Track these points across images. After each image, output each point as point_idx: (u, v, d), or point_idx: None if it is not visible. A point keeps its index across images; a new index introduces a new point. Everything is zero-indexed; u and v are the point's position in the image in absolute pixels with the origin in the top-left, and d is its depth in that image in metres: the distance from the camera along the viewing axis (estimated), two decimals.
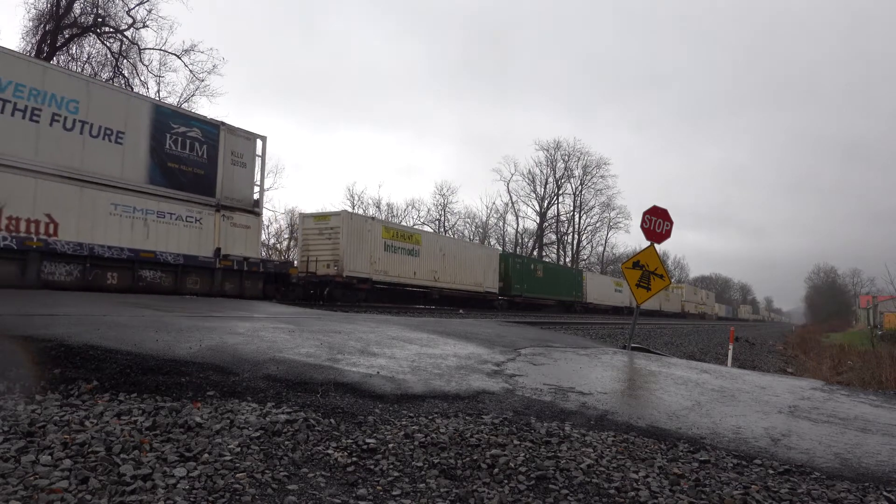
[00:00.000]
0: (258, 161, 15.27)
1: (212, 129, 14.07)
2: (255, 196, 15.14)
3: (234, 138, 14.64)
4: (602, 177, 64.26)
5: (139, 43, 28.04)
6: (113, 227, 11.87)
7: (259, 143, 15.32)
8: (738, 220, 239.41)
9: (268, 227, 43.60)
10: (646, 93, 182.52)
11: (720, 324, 52.41)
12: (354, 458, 2.78)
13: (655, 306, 52.53)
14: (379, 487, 2.51)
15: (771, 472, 3.16)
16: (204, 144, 13.77)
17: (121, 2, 26.99)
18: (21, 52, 17.86)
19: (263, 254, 30.24)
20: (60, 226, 10.93)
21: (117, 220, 11.97)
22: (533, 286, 33.15)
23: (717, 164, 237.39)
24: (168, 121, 13.11)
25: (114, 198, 11.91)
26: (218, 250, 13.94)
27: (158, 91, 28.91)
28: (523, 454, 3.03)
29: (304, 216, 21.74)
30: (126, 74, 27.70)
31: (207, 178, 13.82)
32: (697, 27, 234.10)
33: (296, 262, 20.13)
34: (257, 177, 15.26)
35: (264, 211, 18.91)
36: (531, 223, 64.19)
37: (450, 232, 57.42)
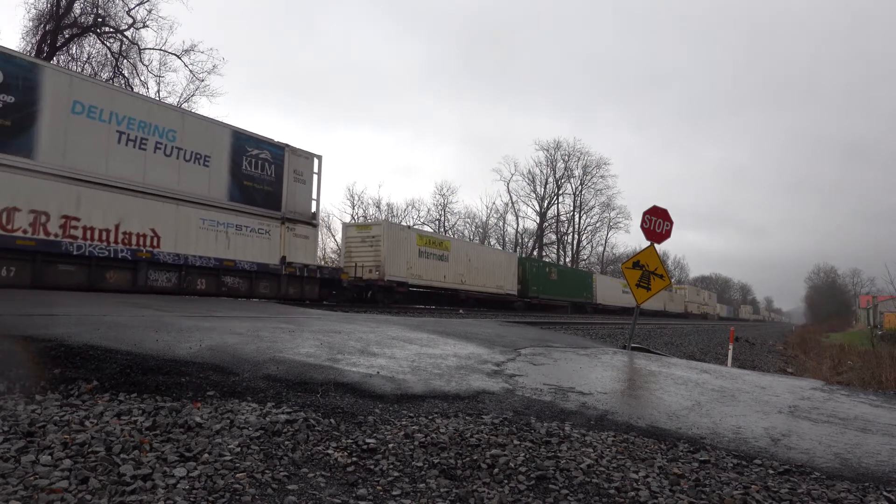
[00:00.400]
0: (315, 178, 16.84)
1: (278, 151, 15.79)
2: (313, 209, 16.81)
3: (296, 158, 16.32)
4: (602, 177, 64.27)
5: (139, 43, 28.06)
6: (202, 239, 13.65)
7: (316, 161, 16.84)
8: (738, 220, 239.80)
9: None
10: (646, 93, 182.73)
11: (720, 324, 52.40)
12: (354, 458, 2.78)
13: (660, 307, 53.50)
14: (379, 487, 2.51)
15: (771, 472, 3.16)
16: (272, 164, 15.52)
17: (121, 2, 27.00)
18: (21, 51, 17.85)
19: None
20: (162, 239, 12.79)
21: (205, 233, 13.75)
22: (548, 288, 34.80)
23: (717, 164, 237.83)
24: (244, 144, 14.87)
25: (202, 213, 13.68)
26: (283, 258, 15.68)
27: (158, 91, 28.92)
28: (523, 454, 3.03)
29: (346, 226, 23.81)
30: (126, 74, 27.71)
31: (275, 195, 15.58)
32: (697, 27, 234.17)
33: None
34: (314, 192, 16.74)
35: None
36: (531, 223, 64.24)
37: (450, 232, 57.41)
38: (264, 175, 15.28)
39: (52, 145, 11.00)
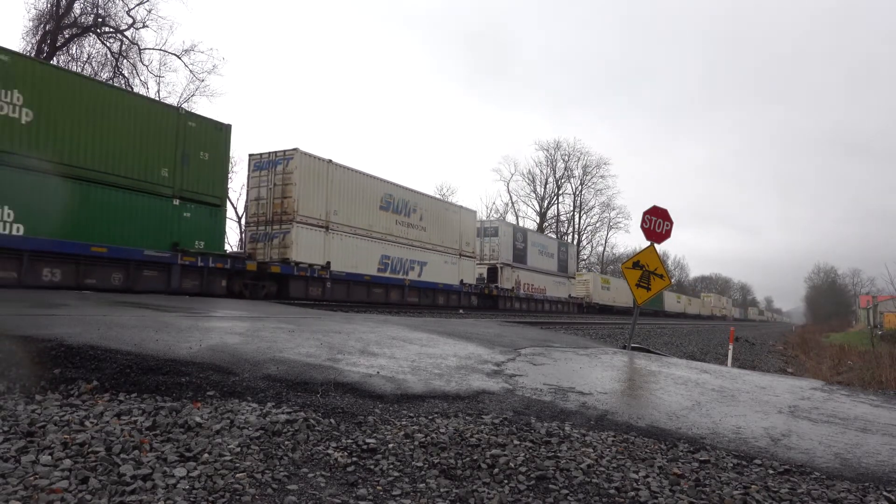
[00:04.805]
0: (575, 253, 40.82)
1: (567, 244, 41.10)
2: (575, 269, 39.76)
3: (570, 246, 41.18)
4: (602, 177, 64.46)
5: (139, 43, 28.11)
6: (551, 287, 35.47)
7: (575, 246, 39.83)
8: (736, 220, 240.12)
9: None
10: (644, 92, 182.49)
11: (720, 324, 52.69)
12: (354, 458, 2.78)
13: (696, 311, 74.16)
14: (379, 487, 2.51)
15: (771, 472, 3.16)
16: (565, 252, 38.22)
17: (121, 2, 27.04)
18: (21, 51, 17.83)
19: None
20: (547, 290, 34.94)
21: (552, 285, 35.64)
22: (648, 301, 50.54)
23: (716, 163, 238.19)
24: (559, 244, 37.99)
25: (552, 278, 35.61)
26: (570, 294, 37.84)
27: (158, 91, 28.94)
28: (523, 454, 3.03)
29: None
30: (126, 74, 27.73)
31: (566, 264, 37.63)
32: (695, 26, 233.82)
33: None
34: (577, 260, 37.86)
35: None
36: (531, 223, 64.16)
37: None
38: (562, 256, 37.26)
39: (530, 260, 32.60)
